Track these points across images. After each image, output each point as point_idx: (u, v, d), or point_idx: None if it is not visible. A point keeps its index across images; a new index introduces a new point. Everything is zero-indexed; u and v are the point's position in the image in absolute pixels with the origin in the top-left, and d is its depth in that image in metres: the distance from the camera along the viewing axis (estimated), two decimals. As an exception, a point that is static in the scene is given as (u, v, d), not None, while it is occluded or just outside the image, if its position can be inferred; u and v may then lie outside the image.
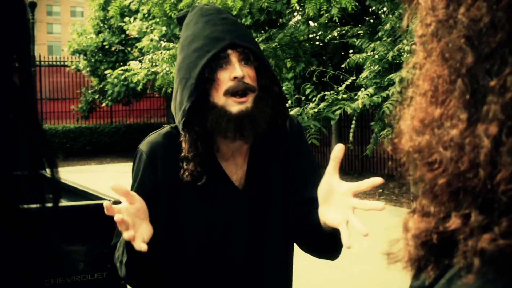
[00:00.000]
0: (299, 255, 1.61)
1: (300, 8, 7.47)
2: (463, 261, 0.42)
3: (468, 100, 0.43)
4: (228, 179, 1.42)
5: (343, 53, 8.61)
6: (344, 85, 4.64)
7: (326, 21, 6.33)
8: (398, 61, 4.50)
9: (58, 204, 0.56)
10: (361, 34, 6.10)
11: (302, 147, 1.51)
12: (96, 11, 15.89)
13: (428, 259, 0.47)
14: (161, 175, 1.39)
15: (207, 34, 1.35)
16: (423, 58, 0.49)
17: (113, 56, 15.70)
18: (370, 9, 7.89)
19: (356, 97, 4.37)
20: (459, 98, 0.44)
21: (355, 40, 5.53)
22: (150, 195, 1.36)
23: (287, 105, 1.45)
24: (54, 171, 0.58)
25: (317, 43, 7.33)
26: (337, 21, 6.09)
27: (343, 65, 5.09)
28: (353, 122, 4.55)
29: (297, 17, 7.47)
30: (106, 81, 15.32)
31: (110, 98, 15.47)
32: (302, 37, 6.84)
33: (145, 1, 7.53)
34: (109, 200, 3.38)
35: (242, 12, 5.85)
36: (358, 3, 5.59)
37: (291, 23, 7.08)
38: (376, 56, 4.67)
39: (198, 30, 1.37)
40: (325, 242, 1.36)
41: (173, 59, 6.48)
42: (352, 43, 5.83)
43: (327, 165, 1.27)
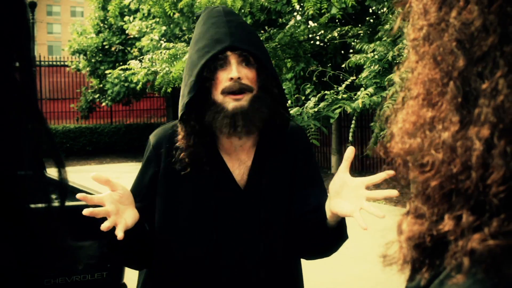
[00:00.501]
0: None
1: (300, 8, 7.47)
2: (453, 261, 0.43)
3: (460, 103, 0.43)
4: (228, 172, 1.47)
5: (343, 52, 8.61)
6: (344, 85, 4.64)
7: (326, 21, 6.34)
8: (398, 61, 4.50)
9: (65, 203, 0.56)
10: (361, 34, 6.11)
11: (311, 158, 1.58)
12: (96, 11, 15.89)
13: (422, 261, 0.47)
14: (163, 164, 1.47)
15: (210, 36, 1.43)
16: (415, 62, 0.49)
17: (113, 56, 15.71)
18: (370, 9, 7.89)
19: (356, 97, 4.37)
20: (451, 101, 0.44)
21: (355, 42, 5.53)
22: (151, 181, 1.47)
23: (287, 105, 1.51)
24: (61, 171, 0.58)
25: (317, 43, 7.33)
26: (337, 21, 6.09)
27: (343, 65, 5.09)
28: (353, 122, 4.56)
29: (297, 17, 7.47)
30: (106, 81, 15.33)
31: (109, 98, 15.47)
32: (302, 37, 6.84)
33: (145, 0, 7.53)
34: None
35: (242, 11, 5.85)
36: (358, 3, 5.59)
37: (291, 23, 7.09)
38: (376, 56, 4.67)
39: (203, 31, 1.46)
40: (328, 237, 1.44)
41: (173, 59, 6.48)
42: (352, 43, 5.84)
43: (327, 165, 1.32)
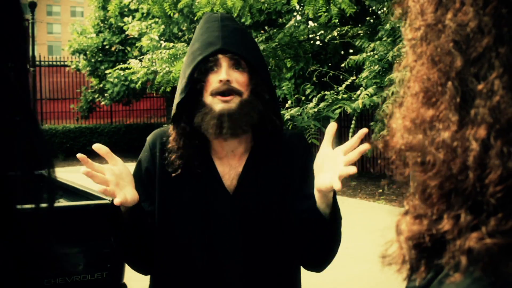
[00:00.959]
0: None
1: (300, 8, 7.47)
2: (452, 261, 0.43)
3: (459, 103, 0.44)
4: (218, 177, 1.47)
5: (343, 53, 8.61)
6: (344, 85, 4.64)
7: (326, 21, 6.33)
8: (398, 61, 4.49)
9: (53, 205, 0.56)
10: (361, 34, 6.10)
11: (310, 166, 1.50)
12: (96, 11, 15.89)
13: (421, 261, 0.47)
14: (158, 165, 1.49)
15: (204, 39, 1.47)
16: (413, 61, 0.50)
17: (113, 56, 15.71)
18: (370, 9, 7.89)
19: (355, 97, 4.37)
20: (449, 100, 0.44)
21: (355, 40, 5.53)
22: (146, 180, 1.48)
23: (287, 106, 1.50)
24: (50, 171, 0.58)
25: (317, 43, 7.33)
26: (337, 21, 6.09)
27: (343, 65, 5.09)
28: (353, 122, 4.55)
29: (297, 17, 7.47)
30: (106, 81, 15.33)
31: (109, 97, 15.47)
32: (302, 37, 6.84)
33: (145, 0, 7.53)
34: (110, 201, 3.38)
35: (241, 12, 5.85)
36: (358, 3, 5.59)
37: (291, 23, 7.09)
38: (376, 56, 4.67)
39: (198, 35, 1.50)
40: (322, 234, 1.39)
41: (173, 59, 6.47)
42: (352, 43, 5.84)
43: None
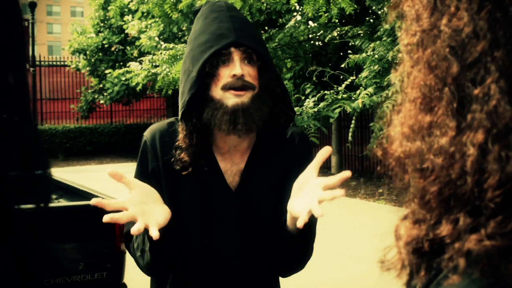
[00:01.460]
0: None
1: (300, 8, 7.47)
2: (450, 263, 0.43)
3: (456, 109, 0.44)
4: (220, 173, 1.43)
5: (341, 54, 8.61)
6: (344, 85, 4.64)
7: (326, 21, 6.33)
8: (397, 61, 4.49)
9: (48, 205, 0.56)
10: (361, 34, 6.10)
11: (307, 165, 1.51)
12: (96, 11, 15.89)
13: (420, 265, 0.47)
14: (160, 160, 1.42)
15: (213, 30, 1.38)
16: (410, 66, 0.49)
17: (113, 55, 15.71)
18: (370, 9, 7.89)
19: (355, 96, 4.37)
20: (446, 106, 0.44)
21: (355, 40, 5.53)
22: (151, 177, 1.41)
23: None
24: (47, 172, 0.58)
25: (317, 43, 7.33)
26: (337, 21, 6.10)
27: (342, 65, 5.09)
28: (353, 121, 4.55)
29: (297, 17, 7.47)
30: (105, 81, 15.32)
31: (108, 97, 15.46)
32: (302, 37, 6.84)
33: (146, 1, 7.52)
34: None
35: (242, 12, 5.85)
36: (358, 3, 5.59)
37: (291, 23, 7.09)
38: (376, 56, 4.67)
39: (205, 25, 1.41)
40: (289, 244, 1.36)
41: (173, 59, 6.48)
42: (352, 43, 5.83)
43: (327, 164, 1.28)
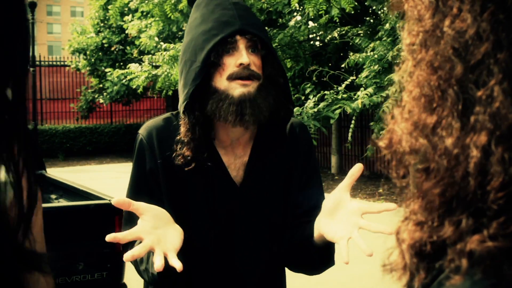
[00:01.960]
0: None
1: (300, 8, 7.47)
2: (452, 264, 0.43)
3: (461, 110, 0.43)
4: (224, 168, 1.38)
5: (341, 54, 8.61)
6: (344, 85, 4.64)
7: (326, 21, 6.33)
8: (398, 61, 4.49)
9: (33, 207, 0.56)
10: (361, 34, 6.10)
11: (311, 156, 1.48)
12: (96, 11, 15.89)
13: (421, 266, 0.47)
14: (159, 158, 1.36)
15: (217, 18, 1.32)
16: (413, 66, 0.49)
17: (113, 55, 15.70)
18: (370, 9, 7.89)
19: (355, 96, 4.37)
20: (451, 107, 0.44)
21: (355, 39, 5.53)
22: (149, 177, 1.35)
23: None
24: (42, 172, 0.58)
25: (317, 43, 7.34)
26: (337, 21, 6.09)
27: (342, 65, 5.09)
28: (353, 121, 4.55)
29: (297, 17, 7.47)
30: (105, 80, 15.32)
31: (108, 97, 15.45)
32: (302, 38, 6.84)
33: (146, 2, 7.52)
34: (111, 201, 3.38)
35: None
36: (358, 3, 5.59)
37: (291, 23, 7.09)
38: (376, 56, 4.67)
39: (207, 13, 1.34)
40: (311, 256, 1.33)
41: (173, 60, 6.47)
42: (352, 43, 5.83)
43: (327, 165, 1.28)
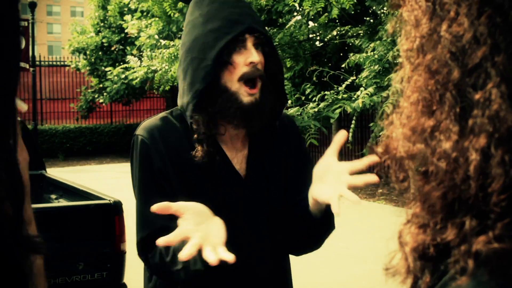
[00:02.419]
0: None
1: (300, 8, 7.47)
2: (457, 265, 0.43)
3: (459, 113, 0.44)
4: (229, 161, 1.41)
5: (341, 54, 8.61)
6: (344, 85, 4.64)
7: (326, 21, 6.33)
8: (398, 61, 4.49)
9: (21, 207, 0.56)
10: (361, 34, 6.10)
11: (302, 145, 1.55)
12: (96, 11, 15.90)
13: (425, 269, 0.47)
14: (166, 156, 1.36)
15: (225, 16, 1.32)
16: (411, 71, 0.49)
17: (113, 54, 15.71)
18: (370, 9, 7.89)
19: (356, 96, 4.37)
20: (449, 111, 0.44)
21: (355, 40, 5.53)
22: (159, 175, 1.35)
23: (288, 105, 1.48)
24: (42, 172, 0.58)
25: (316, 43, 7.33)
26: (337, 20, 6.09)
27: (343, 65, 5.09)
28: (353, 121, 4.55)
29: (297, 17, 7.47)
30: (105, 79, 15.31)
31: (108, 96, 15.44)
32: (302, 37, 6.84)
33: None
34: (111, 201, 3.38)
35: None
36: (358, 3, 5.59)
37: (291, 23, 7.09)
38: (376, 56, 4.67)
39: (214, 10, 1.34)
40: (311, 225, 1.36)
41: (173, 58, 6.47)
42: (352, 43, 5.83)
43: None
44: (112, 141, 17.35)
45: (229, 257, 1.09)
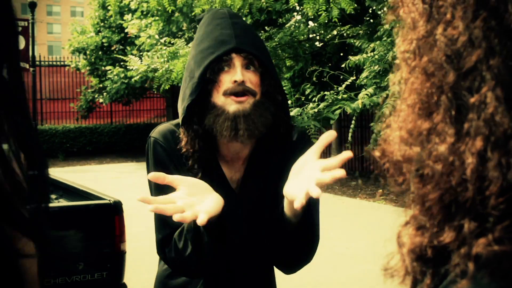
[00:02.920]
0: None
1: (300, 8, 7.47)
2: (457, 268, 0.43)
3: (454, 116, 0.44)
4: (226, 180, 1.44)
5: (342, 54, 8.61)
6: (344, 85, 4.64)
7: (326, 21, 6.33)
8: (396, 63, 4.49)
9: (48, 203, 0.56)
10: (361, 34, 6.10)
11: None
12: (96, 10, 15.91)
13: (424, 272, 0.47)
14: (175, 162, 1.41)
15: (215, 37, 1.39)
16: (408, 73, 0.49)
17: (113, 54, 15.71)
18: (370, 9, 7.89)
19: (355, 97, 4.37)
20: (444, 113, 0.44)
21: (355, 41, 5.53)
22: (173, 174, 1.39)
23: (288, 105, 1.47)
24: (44, 171, 0.58)
25: (316, 43, 7.34)
26: (336, 21, 6.09)
27: (343, 65, 5.09)
28: (353, 122, 4.55)
29: (297, 17, 7.48)
30: (105, 79, 15.32)
31: (108, 96, 15.44)
32: (302, 37, 6.84)
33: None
34: (111, 201, 3.38)
35: (241, 11, 5.85)
36: (357, 3, 5.59)
37: (291, 22, 7.09)
38: (376, 56, 4.67)
39: (208, 32, 1.42)
40: (288, 232, 1.33)
41: (172, 56, 6.45)
42: (352, 43, 5.83)
43: None
44: (112, 141, 17.35)
45: (201, 217, 1.11)
